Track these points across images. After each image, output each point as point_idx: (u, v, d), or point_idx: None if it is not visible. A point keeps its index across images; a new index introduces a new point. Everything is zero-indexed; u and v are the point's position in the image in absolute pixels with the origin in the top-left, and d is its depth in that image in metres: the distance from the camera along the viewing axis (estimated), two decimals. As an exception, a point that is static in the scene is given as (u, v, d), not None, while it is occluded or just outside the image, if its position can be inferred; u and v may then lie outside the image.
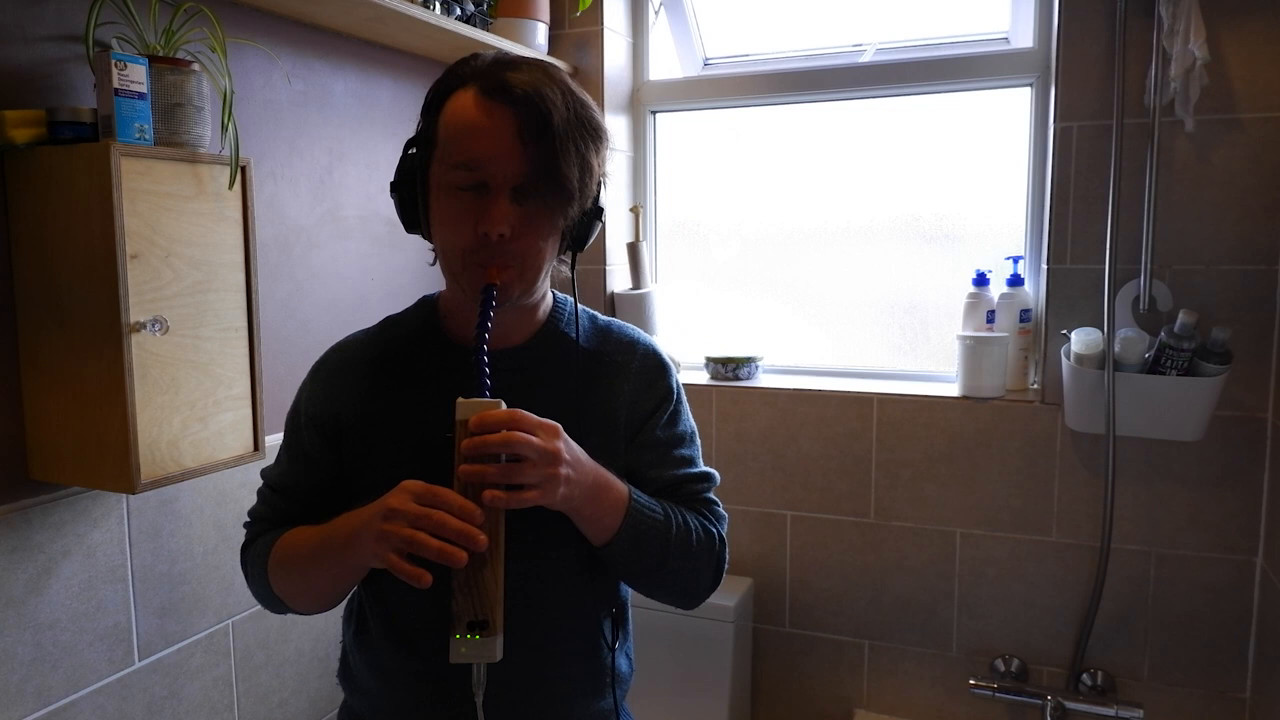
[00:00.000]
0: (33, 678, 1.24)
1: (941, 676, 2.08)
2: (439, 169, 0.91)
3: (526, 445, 0.81)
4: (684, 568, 0.99)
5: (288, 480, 1.04)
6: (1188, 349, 1.70)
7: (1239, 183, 1.75)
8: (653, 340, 1.09)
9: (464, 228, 0.89)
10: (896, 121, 2.17)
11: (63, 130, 1.15)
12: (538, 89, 0.88)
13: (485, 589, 0.80)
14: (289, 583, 0.99)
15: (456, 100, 0.90)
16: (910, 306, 2.20)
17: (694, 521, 1.01)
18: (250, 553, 1.04)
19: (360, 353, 1.03)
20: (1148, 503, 1.87)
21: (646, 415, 1.03)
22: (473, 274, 0.90)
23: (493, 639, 0.81)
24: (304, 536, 0.98)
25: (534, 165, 0.87)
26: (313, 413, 1.02)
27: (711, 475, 1.07)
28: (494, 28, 2.00)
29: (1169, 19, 1.69)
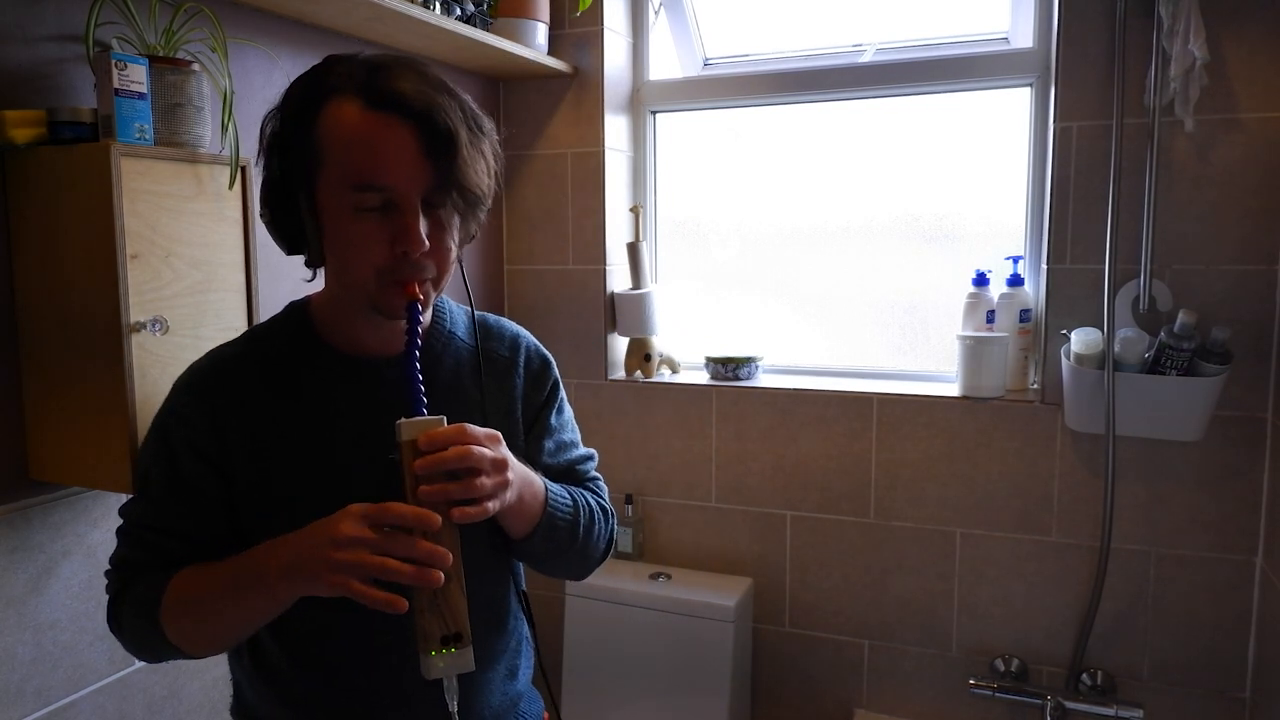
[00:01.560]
0: (33, 677, 1.24)
1: (941, 676, 2.08)
2: (332, 190, 0.86)
3: (481, 459, 0.81)
4: (586, 548, 1.06)
5: (167, 518, 0.94)
6: (1188, 349, 1.70)
7: (1239, 183, 1.75)
8: (528, 333, 1.13)
9: (376, 248, 0.85)
10: (896, 121, 2.17)
11: (63, 130, 1.15)
12: (431, 98, 0.85)
13: (453, 603, 0.80)
14: (192, 628, 0.90)
15: (338, 113, 0.85)
16: (910, 306, 2.20)
17: (593, 502, 1.08)
18: (127, 602, 0.93)
19: (237, 369, 0.96)
20: (1148, 503, 1.87)
21: (539, 407, 1.08)
22: (390, 293, 0.87)
23: (466, 650, 0.81)
24: (210, 576, 0.89)
25: (442, 178, 0.85)
26: (191, 439, 0.93)
27: (594, 454, 1.15)
28: (494, 28, 2.00)
29: (1169, 19, 1.69)
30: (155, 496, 0.95)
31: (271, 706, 0.99)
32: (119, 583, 0.96)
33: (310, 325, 0.98)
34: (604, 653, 2.14)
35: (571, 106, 2.24)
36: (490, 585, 1.02)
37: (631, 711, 2.14)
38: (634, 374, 2.29)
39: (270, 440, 0.93)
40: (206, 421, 0.93)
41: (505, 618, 1.05)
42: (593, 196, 2.23)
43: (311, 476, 0.92)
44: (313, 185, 0.87)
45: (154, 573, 0.93)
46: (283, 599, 0.85)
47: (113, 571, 0.97)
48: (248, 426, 0.93)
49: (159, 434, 0.96)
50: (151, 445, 0.96)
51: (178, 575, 0.91)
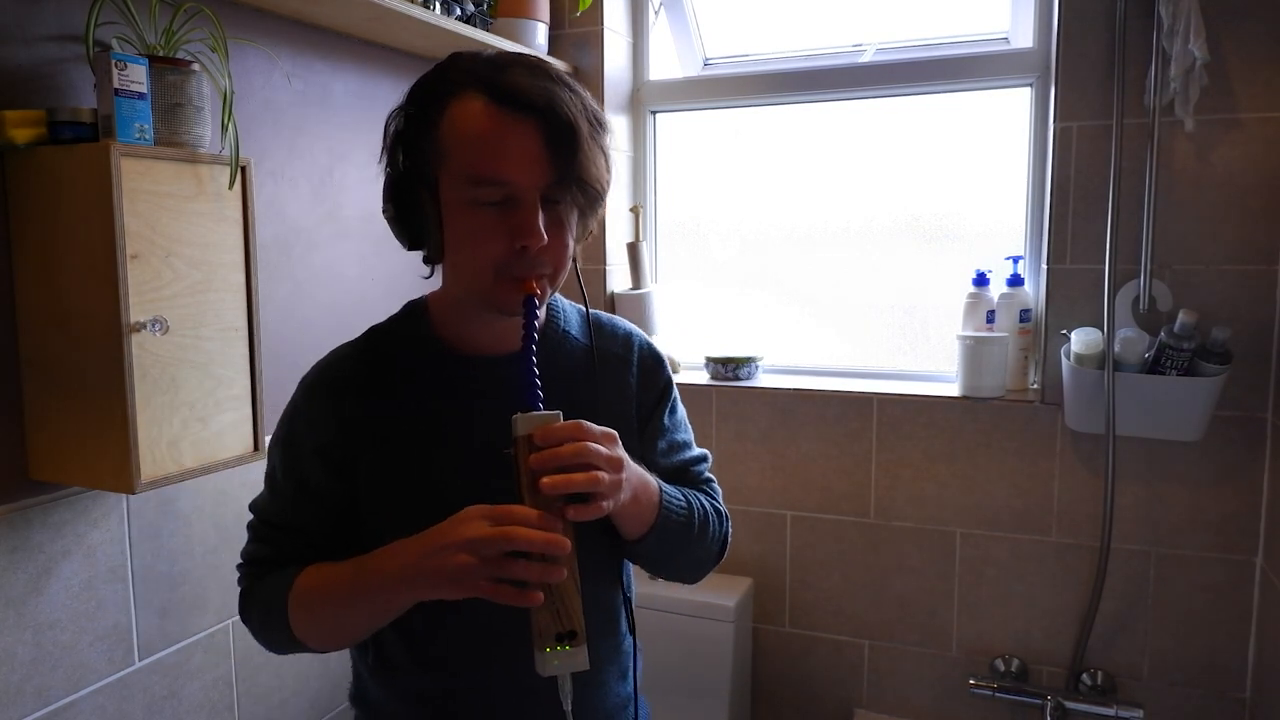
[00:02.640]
0: (33, 677, 1.24)
1: (941, 676, 2.08)
2: (454, 183, 0.87)
3: (597, 456, 0.81)
4: (700, 551, 1.04)
5: (292, 515, 0.97)
6: (1188, 349, 1.70)
7: (1239, 183, 1.75)
8: (642, 331, 1.11)
9: (495, 242, 0.86)
10: (896, 121, 2.17)
11: (63, 130, 1.15)
12: (553, 94, 0.86)
13: (569, 600, 0.80)
14: (314, 626, 0.93)
15: (462, 110, 0.86)
16: (910, 306, 2.20)
17: (707, 504, 1.06)
18: (255, 596, 0.97)
19: (354, 369, 0.98)
20: (1148, 503, 1.87)
21: (652, 406, 1.06)
22: (507, 287, 0.88)
23: (581, 648, 0.81)
24: (332, 576, 0.92)
25: (563, 173, 0.86)
26: (317, 439, 0.95)
27: (708, 455, 1.13)
28: (494, 28, 2.00)
29: (1169, 19, 1.69)
30: (282, 495, 0.98)
31: (390, 700, 1.01)
32: (249, 579, 1.00)
33: (427, 323, 1.00)
34: (604, 653, 2.14)
35: (571, 106, 2.24)
36: (604, 588, 1.02)
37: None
38: (634, 374, 2.29)
39: (389, 438, 0.94)
40: (331, 422, 0.95)
41: (617, 620, 1.05)
42: (593, 196, 2.22)
43: (427, 473, 0.94)
44: (435, 181, 0.88)
45: (280, 569, 0.96)
46: (402, 602, 0.87)
47: (244, 566, 1.01)
48: (368, 424, 0.95)
49: (287, 435, 0.98)
50: (280, 445, 0.99)
51: (302, 574, 0.94)
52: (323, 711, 1.76)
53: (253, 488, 1.56)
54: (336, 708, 1.79)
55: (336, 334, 1.72)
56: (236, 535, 1.54)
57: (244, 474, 1.54)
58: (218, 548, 1.52)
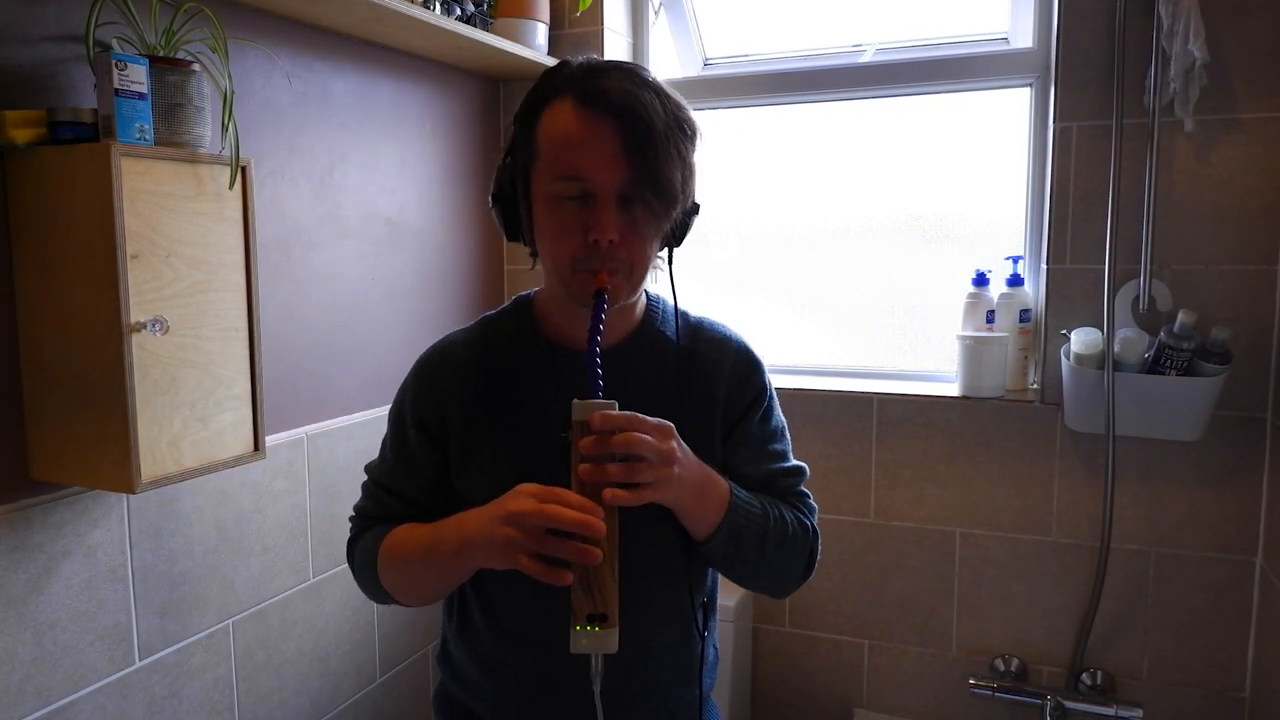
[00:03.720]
0: (33, 677, 1.24)
1: (941, 676, 2.08)
2: (542, 180, 0.93)
3: (645, 446, 0.84)
4: (779, 561, 1.04)
5: (394, 479, 1.07)
6: (1187, 349, 1.70)
7: (1239, 183, 1.75)
8: (744, 338, 1.12)
9: (572, 236, 0.91)
10: (896, 121, 2.17)
11: (63, 130, 1.15)
12: (634, 96, 0.90)
13: (604, 584, 0.83)
14: (397, 580, 1.02)
15: (554, 111, 0.92)
16: (910, 306, 2.20)
17: (789, 515, 1.06)
18: (358, 547, 1.07)
19: (463, 354, 1.06)
20: (1147, 502, 1.88)
21: (742, 412, 1.07)
22: (582, 279, 0.93)
23: (611, 631, 0.84)
24: (412, 537, 1.00)
25: (637, 172, 0.90)
26: (418, 414, 1.04)
27: (803, 469, 1.13)
28: (494, 28, 2.00)
29: (1169, 19, 1.69)
30: (389, 460, 1.08)
31: (469, 663, 1.08)
32: (355, 529, 1.10)
33: (531, 316, 1.06)
34: (604, 653, 2.14)
35: (571, 106, 2.24)
36: (674, 589, 1.04)
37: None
38: (634, 374, 2.29)
39: (481, 418, 1.02)
40: (432, 399, 1.04)
41: (688, 624, 1.06)
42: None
43: (512, 453, 1.00)
44: (529, 177, 0.95)
45: (380, 525, 1.06)
46: (462, 567, 0.95)
47: (355, 518, 1.11)
48: (465, 405, 1.03)
49: (397, 407, 1.08)
50: (392, 416, 1.09)
51: (392, 533, 1.03)
52: (323, 711, 1.76)
53: (253, 488, 1.57)
54: (336, 708, 1.79)
55: (337, 334, 1.73)
56: (237, 535, 1.55)
57: (244, 474, 1.54)
58: (218, 548, 1.52)
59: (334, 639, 1.78)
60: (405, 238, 1.92)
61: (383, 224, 1.86)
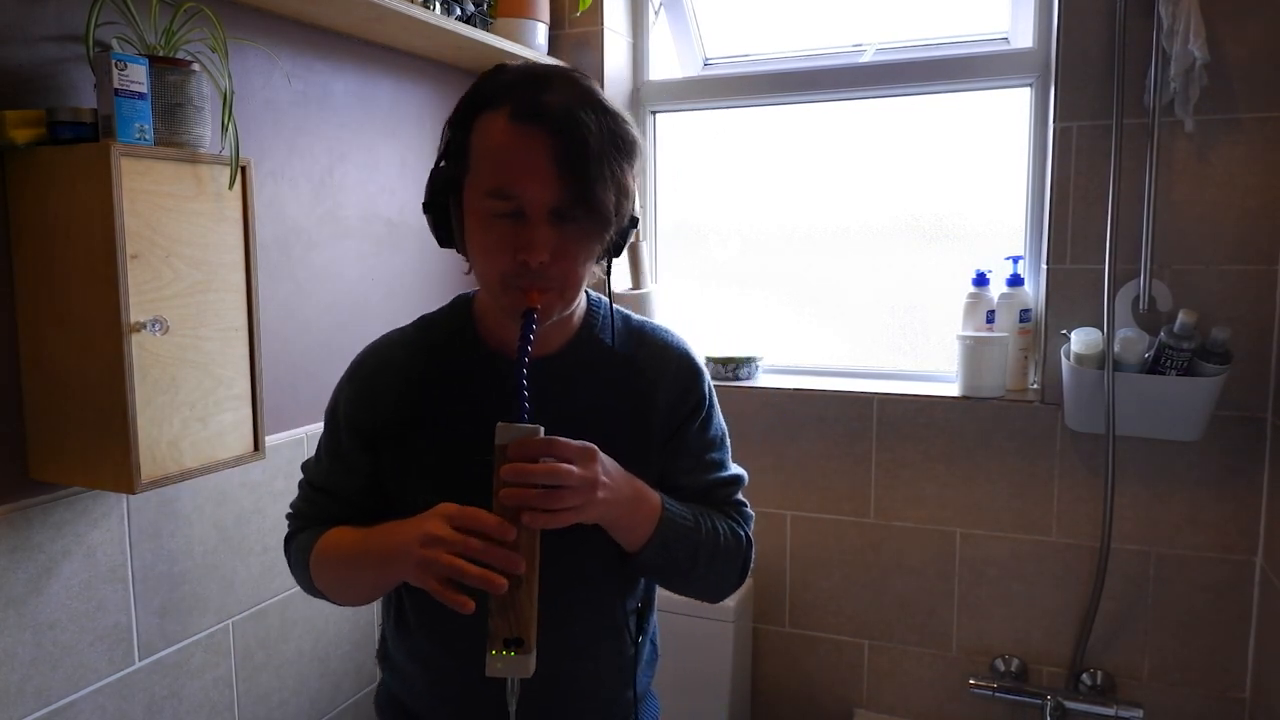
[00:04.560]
0: (33, 677, 1.24)
1: (941, 676, 2.08)
2: (474, 194, 0.90)
3: (566, 475, 0.84)
4: (711, 572, 1.03)
5: (328, 480, 1.06)
6: (1187, 349, 1.70)
7: (1239, 183, 1.75)
8: (686, 343, 1.10)
9: (502, 254, 0.89)
10: (896, 121, 2.17)
11: (63, 130, 1.15)
12: (571, 111, 0.86)
13: (521, 609, 0.83)
14: (329, 583, 1.03)
15: (488, 122, 0.89)
16: (910, 306, 2.20)
17: (723, 525, 1.05)
18: (293, 546, 1.07)
19: (398, 355, 1.03)
20: (1147, 503, 1.87)
21: (680, 422, 1.05)
22: (512, 297, 0.90)
23: (527, 656, 0.83)
24: (344, 541, 1.00)
25: (570, 191, 0.87)
26: (352, 417, 1.02)
27: (741, 477, 1.12)
28: (494, 28, 2.00)
29: (1169, 19, 1.69)
30: (323, 460, 1.07)
31: (406, 659, 1.07)
32: (291, 529, 1.10)
33: (471, 319, 1.04)
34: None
35: (571, 106, 2.24)
36: (607, 597, 1.04)
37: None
38: (634, 374, 2.29)
39: (418, 423, 1.00)
40: (367, 402, 1.02)
41: (620, 629, 1.06)
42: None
43: (446, 463, 0.99)
44: (461, 187, 0.92)
45: (315, 525, 1.05)
46: (389, 579, 0.95)
47: (291, 516, 1.11)
48: (400, 407, 1.00)
49: (332, 407, 1.06)
50: (327, 416, 1.06)
51: (325, 535, 1.02)
52: (323, 711, 1.76)
53: (253, 488, 1.57)
54: (336, 708, 1.79)
55: (337, 334, 1.73)
56: (237, 535, 1.55)
57: (244, 474, 1.54)
58: (218, 548, 1.52)
59: (334, 639, 1.77)
60: (405, 238, 1.92)
61: (383, 224, 1.85)
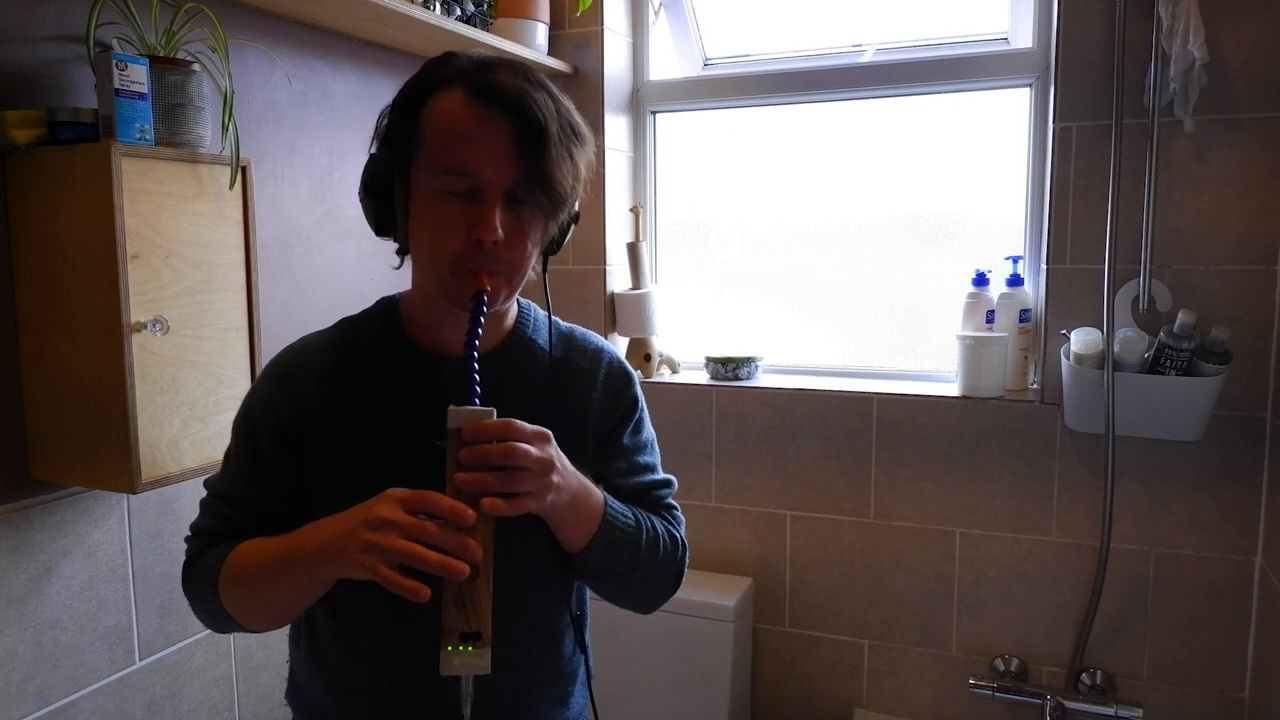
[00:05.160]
0: (33, 677, 1.24)
1: (941, 676, 2.08)
2: (425, 173, 0.88)
3: (524, 455, 0.81)
4: (651, 574, 1.02)
5: (241, 490, 0.98)
6: (1187, 349, 1.70)
7: (1238, 183, 1.75)
8: (615, 349, 1.09)
9: (455, 233, 0.87)
10: (896, 121, 2.17)
11: (63, 130, 1.15)
12: (528, 94, 0.87)
13: (478, 601, 0.79)
14: (243, 599, 0.94)
15: (442, 102, 0.88)
16: (910, 306, 2.20)
17: (661, 528, 1.04)
18: (195, 569, 0.98)
19: (319, 356, 0.99)
20: (1147, 502, 1.88)
21: (614, 424, 1.05)
22: (462, 280, 0.88)
23: (484, 651, 0.79)
24: (261, 550, 0.92)
25: (528, 172, 0.87)
26: (272, 419, 0.96)
27: (671, 481, 1.10)
28: (494, 28, 2.00)
29: (1168, 19, 1.69)
30: (234, 471, 0.99)
31: (320, 693, 1.01)
32: (193, 550, 1.00)
33: (397, 319, 1.00)
34: (604, 652, 2.14)
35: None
36: (547, 603, 1.01)
37: (631, 711, 2.14)
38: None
39: (342, 425, 0.95)
40: (286, 402, 0.96)
41: (560, 639, 1.04)
42: (593, 196, 2.23)
43: (376, 463, 0.94)
44: (408, 169, 0.90)
45: (224, 540, 0.97)
46: (321, 577, 0.87)
47: (191, 538, 1.01)
48: (323, 410, 0.96)
49: (245, 411, 0.99)
50: (238, 422, 1.00)
51: (237, 549, 0.94)
52: (323, 711, 1.76)
53: (253, 487, 1.57)
54: (336, 707, 1.79)
55: (336, 334, 1.73)
56: (237, 535, 1.55)
57: (244, 474, 1.54)
58: (218, 547, 1.52)
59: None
60: (405, 238, 1.92)
61: (383, 224, 1.85)
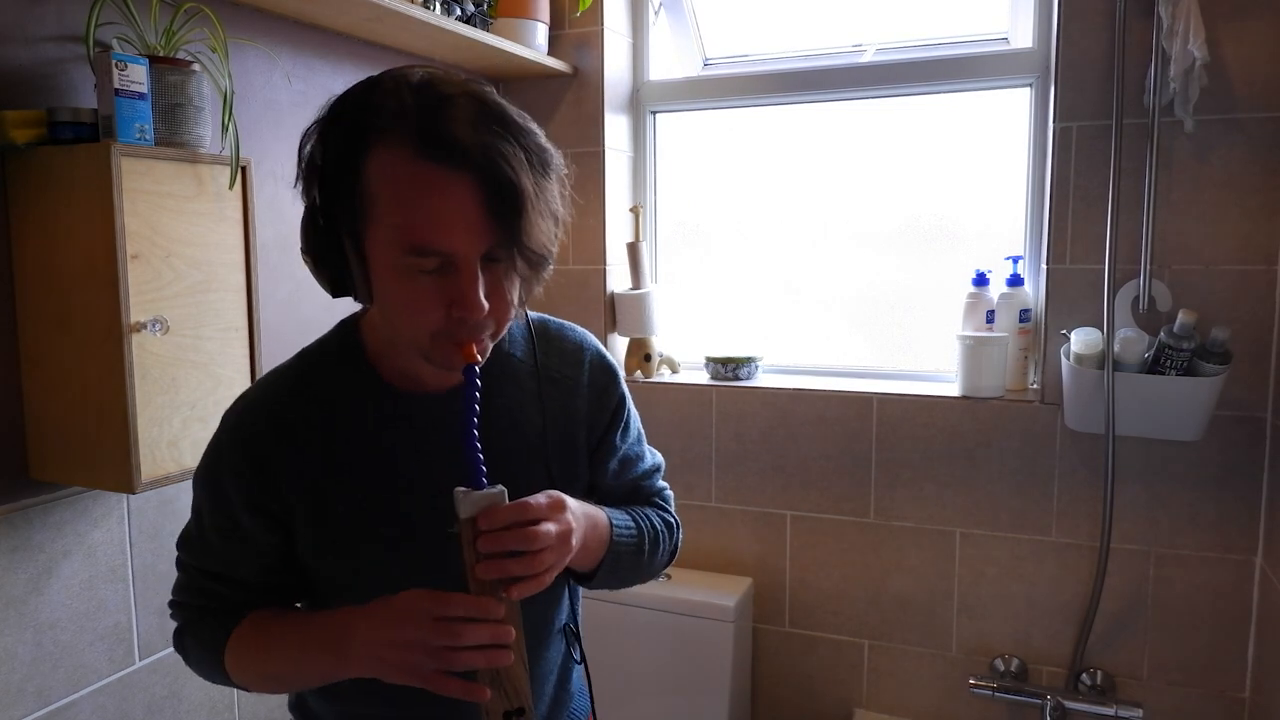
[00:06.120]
0: (33, 677, 1.24)
1: (941, 676, 2.08)
2: (382, 247, 0.77)
3: (545, 538, 0.78)
4: (647, 569, 1.04)
5: (223, 564, 0.91)
6: (1187, 349, 1.70)
7: (1239, 183, 1.75)
8: (594, 340, 1.04)
9: (432, 310, 0.78)
10: (896, 122, 2.17)
11: (63, 130, 1.15)
12: (492, 146, 0.74)
13: (515, 679, 0.79)
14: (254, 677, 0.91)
15: (388, 160, 0.75)
16: (910, 306, 2.20)
17: (658, 521, 1.05)
18: (189, 641, 0.94)
19: (284, 413, 0.89)
20: (1147, 503, 1.88)
21: (604, 429, 1.02)
22: (446, 350, 0.80)
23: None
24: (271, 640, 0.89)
25: (503, 236, 0.76)
26: (246, 492, 0.88)
27: (660, 464, 1.11)
28: (494, 28, 2.00)
29: (1169, 19, 1.69)
30: (212, 544, 0.91)
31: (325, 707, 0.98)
32: (182, 619, 0.96)
33: (362, 353, 0.92)
34: (604, 652, 2.14)
35: (571, 106, 2.24)
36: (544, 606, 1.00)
37: (631, 711, 2.13)
38: (634, 374, 2.29)
39: (325, 482, 0.88)
40: (257, 471, 0.88)
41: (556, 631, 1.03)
42: (593, 196, 2.23)
43: (370, 519, 0.89)
44: (360, 234, 0.78)
45: (216, 616, 0.93)
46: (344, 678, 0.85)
47: (177, 606, 0.96)
48: (301, 469, 0.88)
49: (212, 478, 0.90)
50: (205, 487, 0.91)
51: (242, 625, 0.91)
52: (323, 711, 1.76)
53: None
54: (336, 707, 1.79)
55: (336, 334, 1.73)
56: (236, 535, 1.55)
57: (244, 474, 1.54)
58: (218, 547, 1.52)
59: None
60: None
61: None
